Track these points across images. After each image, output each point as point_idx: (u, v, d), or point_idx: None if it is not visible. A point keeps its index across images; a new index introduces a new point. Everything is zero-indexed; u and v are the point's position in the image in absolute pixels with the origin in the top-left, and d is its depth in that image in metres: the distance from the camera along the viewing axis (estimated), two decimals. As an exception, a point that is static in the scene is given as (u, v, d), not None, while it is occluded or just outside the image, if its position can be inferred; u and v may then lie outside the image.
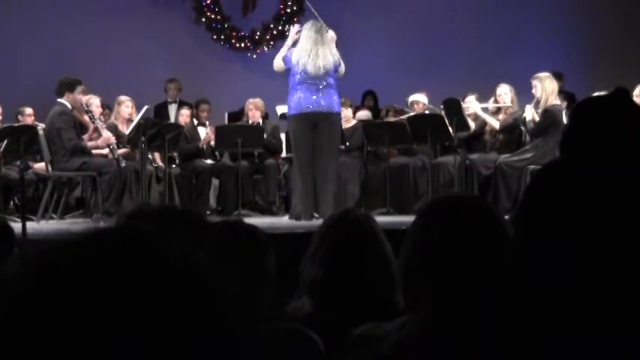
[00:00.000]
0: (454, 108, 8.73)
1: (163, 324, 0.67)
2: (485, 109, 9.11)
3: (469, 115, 9.03)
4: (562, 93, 9.74)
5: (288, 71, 7.96)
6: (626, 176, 1.26)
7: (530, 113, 8.50)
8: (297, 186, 7.93)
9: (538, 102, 8.48)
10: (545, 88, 8.41)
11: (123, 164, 8.29)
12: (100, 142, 8.46)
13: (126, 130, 8.89)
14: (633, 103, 1.96)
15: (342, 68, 7.96)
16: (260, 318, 0.75)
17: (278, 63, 8.05)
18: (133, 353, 0.66)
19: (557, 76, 9.75)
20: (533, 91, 8.50)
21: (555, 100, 8.51)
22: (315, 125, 7.82)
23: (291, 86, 7.90)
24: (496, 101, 9.10)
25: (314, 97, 7.78)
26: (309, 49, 7.80)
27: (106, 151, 8.54)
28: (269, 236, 2.56)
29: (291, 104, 7.91)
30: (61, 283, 0.68)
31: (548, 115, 8.35)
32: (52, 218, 8.52)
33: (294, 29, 8.28)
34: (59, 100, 8.39)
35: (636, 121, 1.85)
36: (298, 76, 7.80)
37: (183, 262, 0.71)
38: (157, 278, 0.69)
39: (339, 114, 8.11)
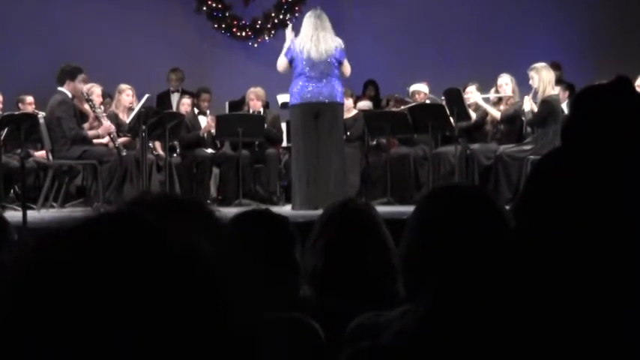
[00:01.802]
0: (455, 98, 8.72)
1: (163, 311, 0.67)
2: (486, 100, 9.11)
3: (470, 106, 9.02)
4: (563, 83, 9.73)
5: (291, 63, 7.95)
6: (627, 165, 1.26)
7: (529, 104, 8.50)
8: (298, 176, 7.93)
9: (536, 93, 8.48)
10: (542, 78, 8.40)
11: (124, 153, 8.29)
12: (100, 130, 8.46)
13: (126, 118, 8.88)
14: (635, 91, 1.95)
15: (348, 69, 7.94)
16: (263, 307, 0.75)
17: (281, 62, 8.00)
18: (133, 341, 0.65)
19: (555, 66, 9.74)
20: (531, 82, 8.50)
21: (553, 91, 8.51)
22: (317, 115, 7.81)
23: (294, 75, 7.90)
24: (497, 91, 9.10)
25: (317, 86, 7.78)
26: (310, 35, 7.83)
27: (106, 139, 8.54)
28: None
29: (293, 94, 7.91)
30: (61, 271, 0.67)
31: (547, 105, 8.34)
32: (52, 207, 8.52)
33: (288, 31, 8.29)
34: (59, 88, 8.38)
35: (637, 109, 1.85)
36: (302, 64, 7.79)
37: (184, 248, 0.71)
38: (158, 264, 0.68)
39: (341, 104, 8.09)
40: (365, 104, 10.61)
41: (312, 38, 7.80)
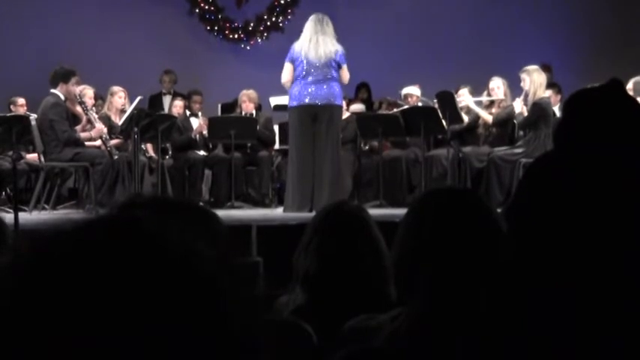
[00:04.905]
0: (448, 101, 8.73)
1: (162, 313, 0.66)
2: (478, 103, 9.12)
3: (462, 108, 9.04)
4: (554, 87, 9.75)
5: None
6: (619, 168, 1.26)
7: (520, 106, 8.52)
8: (293, 178, 7.91)
9: (527, 95, 8.50)
10: (534, 81, 8.42)
11: (116, 155, 8.28)
12: (93, 133, 8.45)
13: (119, 120, 8.87)
14: (627, 94, 1.96)
15: (346, 75, 7.90)
16: (259, 310, 0.75)
17: (285, 73, 7.92)
18: (133, 342, 0.65)
19: (546, 68, 9.76)
20: (522, 84, 8.52)
21: (544, 93, 8.53)
22: (315, 117, 7.81)
23: (294, 78, 7.88)
24: (489, 94, 9.11)
25: (315, 88, 7.77)
26: (309, 37, 7.84)
27: (99, 142, 8.52)
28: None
29: (292, 96, 7.90)
30: (60, 273, 0.67)
31: (538, 108, 8.36)
32: (44, 209, 8.50)
33: None
34: (52, 90, 8.37)
35: (630, 113, 1.85)
36: (301, 67, 7.79)
37: (182, 251, 0.71)
38: (156, 267, 0.68)
39: (340, 107, 8.08)
40: (357, 107, 10.61)
41: (311, 40, 7.81)
